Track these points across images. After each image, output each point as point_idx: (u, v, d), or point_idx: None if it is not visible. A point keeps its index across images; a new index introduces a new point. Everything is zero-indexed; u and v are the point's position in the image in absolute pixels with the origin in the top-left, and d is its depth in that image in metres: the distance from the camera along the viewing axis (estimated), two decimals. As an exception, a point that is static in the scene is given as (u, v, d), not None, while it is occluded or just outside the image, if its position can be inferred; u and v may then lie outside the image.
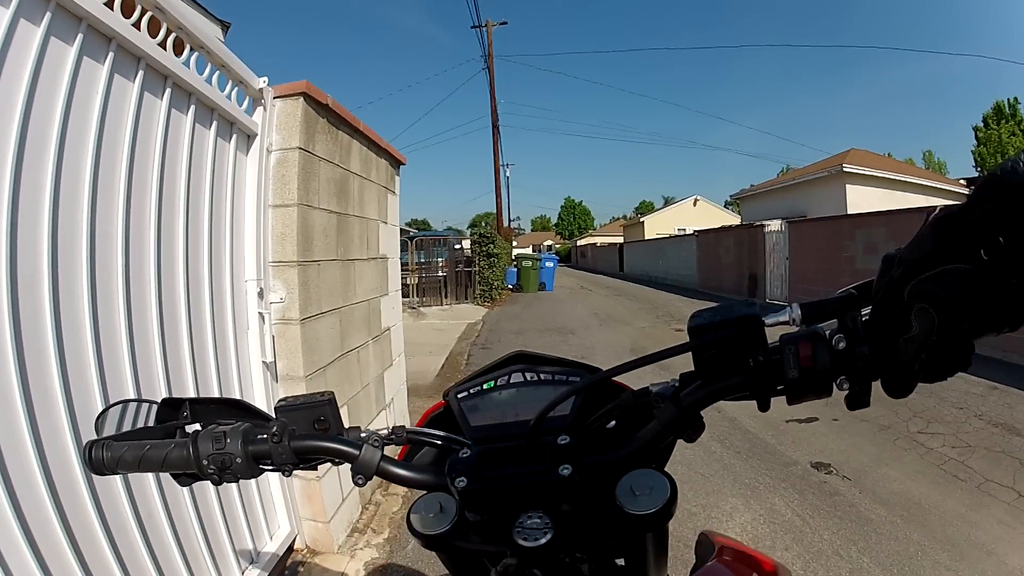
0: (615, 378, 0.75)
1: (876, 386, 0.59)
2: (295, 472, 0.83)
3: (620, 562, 0.81)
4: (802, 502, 3.59)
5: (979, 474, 3.85)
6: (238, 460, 0.73)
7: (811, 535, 3.19)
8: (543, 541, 0.68)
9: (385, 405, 4.31)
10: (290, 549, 2.93)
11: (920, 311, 0.50)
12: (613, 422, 0.82)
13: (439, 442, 0.84)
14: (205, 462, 0.73)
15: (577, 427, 0.76)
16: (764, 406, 0.65)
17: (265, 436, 0.75)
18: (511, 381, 0.86)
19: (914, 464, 4.10)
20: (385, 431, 0.82)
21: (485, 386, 0.86)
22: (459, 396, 0.85)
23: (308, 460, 0.78)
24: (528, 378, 0.86)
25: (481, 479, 0.70)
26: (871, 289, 0.60)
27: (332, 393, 0.84)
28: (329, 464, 0.80)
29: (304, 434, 0.78)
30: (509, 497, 0.70)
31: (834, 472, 4.03)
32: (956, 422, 4.83)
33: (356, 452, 0.75)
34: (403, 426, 0.84)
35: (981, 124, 36.39)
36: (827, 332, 0.61)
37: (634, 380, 0.78)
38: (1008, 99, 35.57)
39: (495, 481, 0.70)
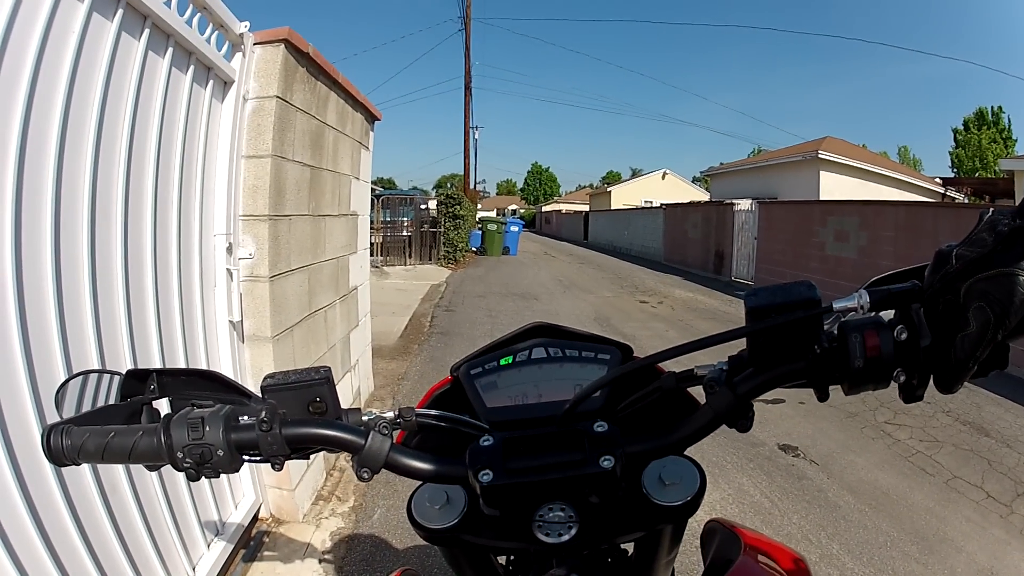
0: (638, 354, 0.70)
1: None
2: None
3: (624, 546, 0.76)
4: (770, 484, 3.64)
5: (947, 470, 3.84)
6: (220, 452, 0.61)
7: (780, 518, 3.24)
8: (567, 537, 0.62)
9: (351, 367, 4.24)
10: (255, 519, 2.87)
11: (977, 310, 0.51)
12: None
13: (451, 426, 0.74)
14: (180, 454, 0.61)
15: (610, 412, 0.70)
16: (824, 395, 0.62)
17: (251, 422, 0.63)
18: (532, 357, 0.77)
19: (881, 454, 4.11)
20: (391, 414, 0.72)
21: (502, 362, 0.77)
22: (472, 372, 0.77)
23: (301, 450, 0.66)
24: (551, 354, 0.78)
25: (508, 472, 0.62)
26: (915, 277, 0.59)
27: (329, 369, 0.71)
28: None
29: (297, 419, 0.66)
30: (536, 490, 0.62)
31: (801, 456, 4.07)
32: (924, 416, 4.81)
33: (362, 442, 0.64)
34: (411, 408, 0.73)
35: (961, 127, 36.89)
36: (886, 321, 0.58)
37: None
38: (992, 107, 36.22)
39: (525, 474, 0.62)
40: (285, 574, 2.60)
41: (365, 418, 0.71)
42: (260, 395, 0.70)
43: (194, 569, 2.29)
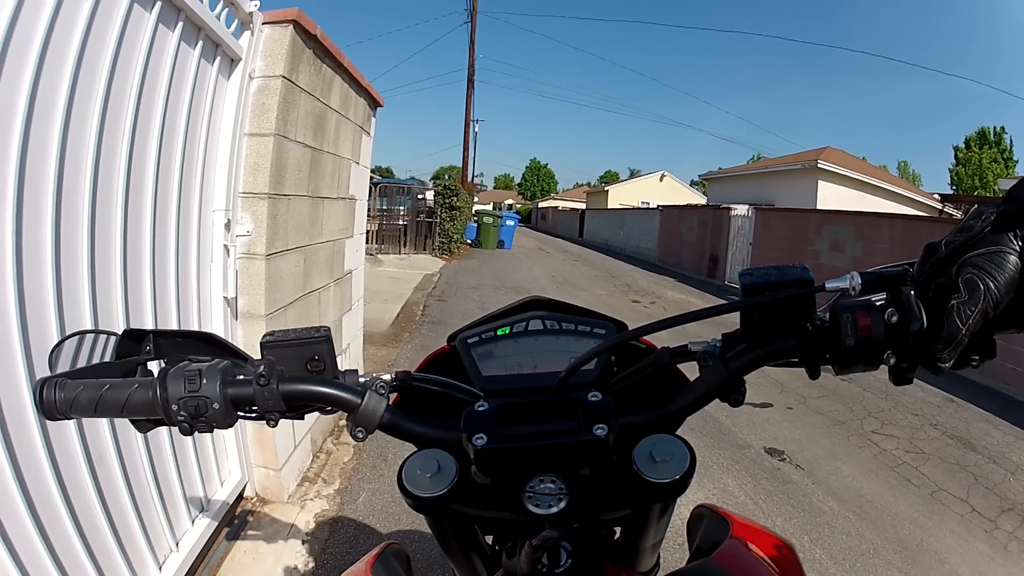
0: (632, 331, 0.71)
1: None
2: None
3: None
4: (755, 486, 3.66)
5: (932, 482, 3.86)
6: (215, 405, 0.62)
7: (764, 520, 3.25)
8: (557, 509, 0.62)
9: (342, 351, 4.24)
10: (240, 497, 2.87)
11: (969, 280, 0.53)
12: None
13: (446, 391, 0.75)
14: (175, 407, 0.61)
15: (603, 385, 0.70)
16: (815, 374, 0.64)
17: (249, 377, 0.64)
18: (529, 328, 0.78)
19: (867, 462, 4.13)
20: (388, 376, 0.73)
21: (499, 332, 0.77)
22: (469, 341, 0.77)
23: (297, 408, 0.68)
24: (548, 326, 0.78)
25: (502, 437, 0.62)
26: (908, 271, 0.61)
27: (328, 329, 0.72)
28: None
29: (295, 376, 0.67)
30: (528, 458, 0.63)
31: (787, 460, 4.09)
32: (911, 428, 4.85)
33: (358, 401, 0.65)
34: (408, 371, 0.75)
35: (963, 145, 37.04)
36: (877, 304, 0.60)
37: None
38: (994, 127, 36.37)
39: (519, 439, 0.62)
40: (268, 554, 2.60)
41: (362, 379, 0.72)
42: (260, 354, 0.70)
43: (177, 545, 2.29)
